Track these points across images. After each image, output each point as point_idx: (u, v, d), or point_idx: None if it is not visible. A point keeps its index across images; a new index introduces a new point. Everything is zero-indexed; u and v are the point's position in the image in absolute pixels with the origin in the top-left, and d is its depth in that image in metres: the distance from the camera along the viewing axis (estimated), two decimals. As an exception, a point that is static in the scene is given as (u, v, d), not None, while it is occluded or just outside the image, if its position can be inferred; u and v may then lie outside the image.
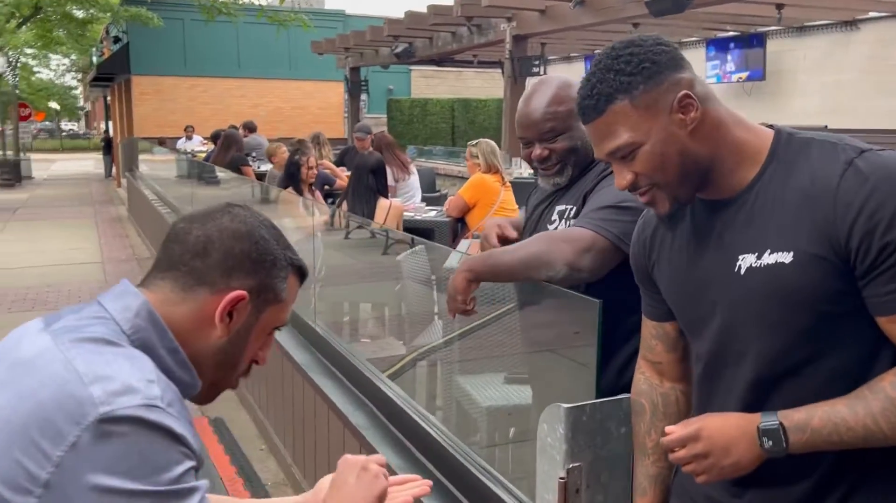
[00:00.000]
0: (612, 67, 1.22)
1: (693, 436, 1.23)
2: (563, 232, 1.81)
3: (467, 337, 2.67)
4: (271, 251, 1.13)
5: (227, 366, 1.14)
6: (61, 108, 55.03)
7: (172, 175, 10.30)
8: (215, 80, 18.59)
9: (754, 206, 1.24)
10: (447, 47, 12.08)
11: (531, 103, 1.96)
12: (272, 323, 1.16)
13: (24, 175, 23.05)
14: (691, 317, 1.37)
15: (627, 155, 1.24)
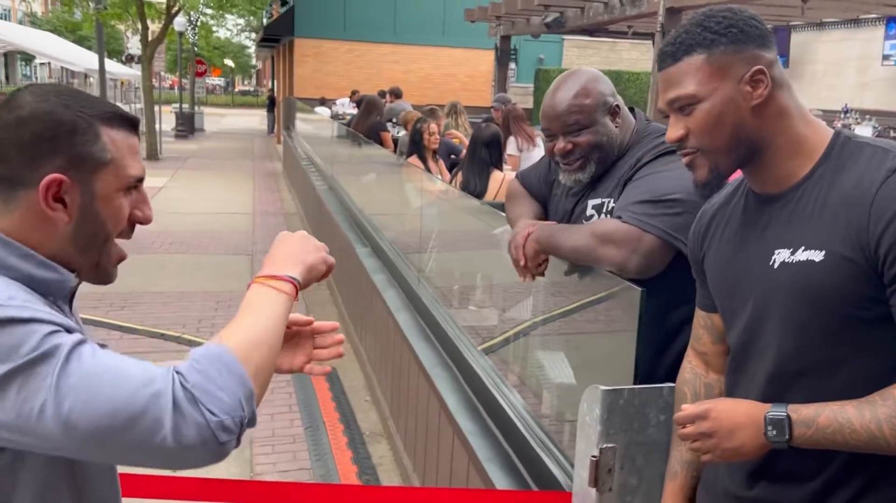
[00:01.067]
0: (701, 23, 1.26)
1: (702, 414, 1.26)
2: (610, 229, 1.77)
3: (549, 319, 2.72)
4: (62, 121, 1.04)
5: (97, 243, 1.10)
6: (235, 65, 58.78)
7: (320, 135, 10.84)
8: (371, 46, 19.20)
9: (798, 204, 1.25)
10: (598, 18, 11.80)
11: (557, 95, 1.93)
12: (117, 184, 1.09)
13: (197, 128, 24.96)
14: (728, 308, 1.39)
15: (686, 107, 1.27)
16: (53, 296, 1.07)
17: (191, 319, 5.78)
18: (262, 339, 1.03)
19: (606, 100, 1.94)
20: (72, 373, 0.90)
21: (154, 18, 18.07)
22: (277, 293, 1.10)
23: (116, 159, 1.08)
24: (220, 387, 0.93)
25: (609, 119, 1.93)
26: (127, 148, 1.10)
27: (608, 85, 1.98)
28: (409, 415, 3.54)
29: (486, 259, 3.43)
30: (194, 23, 25.48)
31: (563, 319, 2.46)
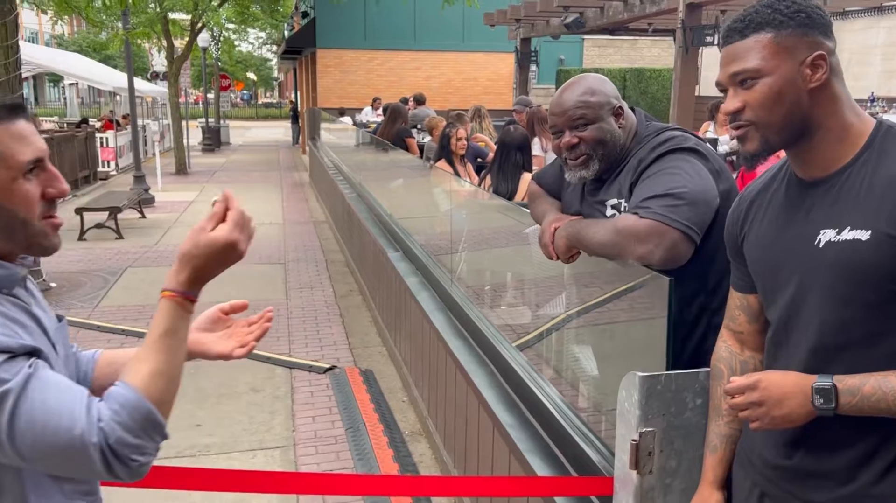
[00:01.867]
0: (772, 5, 1.35)
1: (751, 385, 1.34)
2: (634, 225, 1.84)
3: (582, 311, 2.79)
4: None
5: (19, 229, 1.18)
6: (258, 78, 59.43)
7: (346, 144, 10.99)
8: (392, 53, 19.38)
9: (843, 188, 1.33)
10: (618, 17, 11.83)
11: (564, 94, 2.04)
12: (10, 173, 1.15)
13: (223, 141, 25.33)
14: (770, 286, 1.46)
15: (747, 80, 1.35)
16: (7, 288, 1.19)
17: (229, 328, 5.92)
18: (173, 375, 1.16)
19: (611, 100, 2.04)
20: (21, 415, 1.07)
21: (178, 36, 18.42)
22: (187, 316, 1.20)
23: (1, 152, 1.14)
24: (137, 436, 1.10)
25: (613, 119, 2.04)
26: (9, 137, 1.15)
27: (613, 88, 2.10)
28: (447, 412, 3.63)
29: (517, 257, 3.51)
30: (217, 38, 25.87)
31: (595, 310, 2.53)
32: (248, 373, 4.97)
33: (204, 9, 15.85)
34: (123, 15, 11.61)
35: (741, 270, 1.56)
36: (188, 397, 4.58)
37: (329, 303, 6.70)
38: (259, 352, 5.36)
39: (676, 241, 1.81)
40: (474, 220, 4.05)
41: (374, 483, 2.02)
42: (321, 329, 5.96)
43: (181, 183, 15.35)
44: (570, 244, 2.05)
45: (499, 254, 3.81)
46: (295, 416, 4.32)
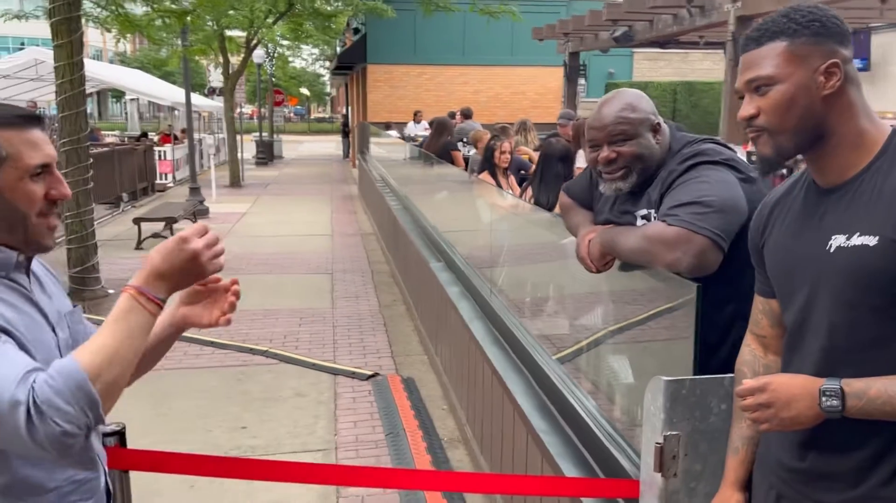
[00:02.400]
0: (787, 15, 1.39)
1: (761, 387, 1.37)
2: (662, 232, 1.88)
3: (615, 319, 2.82)
4: None
5: (18, 224, 1.30)
6: (311, 94, 60.55)
7: (393, 157, 11.15)
8: (441, 69, 19.58)
9: (856, 194, 1.36)
10: (667, 30, 11.76)
11: (604, 109, 2.08)
12: (18, 174, 1.28)
13: (276, 155, 25.87)
14: (785, 290, 1.50)
15: (762, 87, 1.39)
16: (3, 271, 1.31)
17: (277, 335, 6.08)
18: (118, 357, 1.20)
19: (650, 117, 2.09)
20: None
21: (234, 52, 18.94)
22: (143, 310, 1.26)
23: (12, 154, 1.27)
24: (66, 401, 1.13)
25: (651, 135, 2.08)
26: (22, 142, 1.28)
27: (650, 104, 2.14)
28: (484, 420, 3.67)
29: (555, 268, 3.55)
30: (272, 54, 26.49)
31: (626, 318, 2.56)
32: (294, 379, 5.10)
33: (259, 26, 16.28)
34: (182, 32, 12.02)
35: (763, 275, 1.59)
36: (234, 400, 4.72)
37: (373, 312, 6.82)
38: (304, 359, 5.49)
39: (704, 248, 1.85)
40: (514, 232, 4.11)
41: (404, 477, 2.09)
42: (365, 337, 6.07)
43: (234, 195, 15.75)
44: (604, 251, 2.10)
45: (537, 265, 3.85)
46: (337, 421, 4.42)
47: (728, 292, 1.97)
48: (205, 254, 1.32)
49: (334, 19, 19.07)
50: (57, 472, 1.35)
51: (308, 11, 16.94)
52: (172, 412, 4.55)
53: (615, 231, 2.09)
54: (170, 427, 4.32)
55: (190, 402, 4.70)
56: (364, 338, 6.04)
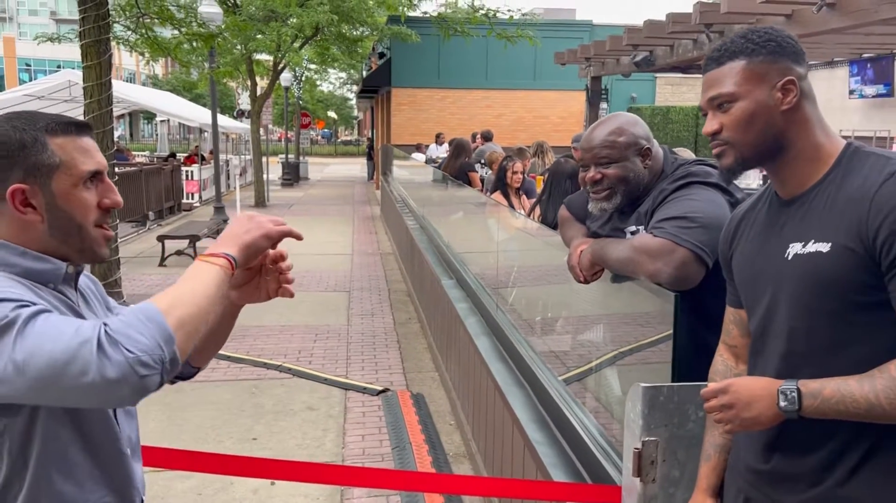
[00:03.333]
0: (745, 36, 1.47)
1: (723, 389, 1.43)
2: (647, 243, 1.96)
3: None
4: (12, 141, 1.25)
5: (73, 233, 1.30)
6: (338, 117, 61.30)
7: (413, 178, 11.29)
8: (464, 92, 19.81)
9: (812, 204, 1.43)
10: (688, 55, 11.80)
11: (595, 131, 2.17)
12: (72, 181, 1.28)
13: (302, 176, 26.22)
14: (750, 298, 1.55)
15: (724, 104, 1.46)
16: (53, 282, 1.30)
17: (291, 350, 6.17)
18: (189, 299, 1.18)
19: (639, 141, 2.16)
20: (27, 335, 1.09)
21: (262, 75, 19.32)
22: (210, 266, 1.25)
23: (65, 161, 1.28)
24: (139, 332, 1.09)
25: (639, 159, 2.15)
26: (75, 149, 1.29)
27: (643, 129, 2.21)
28: (487, 434, 3.72)
29: (557, 286, 3.60)
30: (299, 78, 26.95)
31: (613, 329, 2.61)
32: (306, 393, 5.18)
33: (286, 50, 16.63)
34: (210, 55, 12.33)
35: (733, 286, 1.65)
36: (247, 413, 4.81)
37: (388, 329, 6.89)
38: (317, 374, 5.57)
39: (686, 260, 1.90)
40: (520, 250, 4.17)
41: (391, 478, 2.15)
42: (378, 354, 6.14)
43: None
44: (594, 260, 2.17)
45: (540, 282, 3.91)
46: (346, 434, 4.48)
47: (715, 303, 2.01)
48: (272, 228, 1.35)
49: (360, 44, 19.43)
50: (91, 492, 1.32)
51: (334, 36, 17.29)
52: (186, 423, 4.64)
53: (605, 242, 2.16)
54: (183, 437, 4.41)
55: (204, 414, 4.79)
56: (377, 355, 6.11)
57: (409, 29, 16.97)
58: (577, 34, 18.78)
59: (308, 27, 15.56)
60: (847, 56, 12.51)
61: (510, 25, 9.20)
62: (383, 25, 17.50)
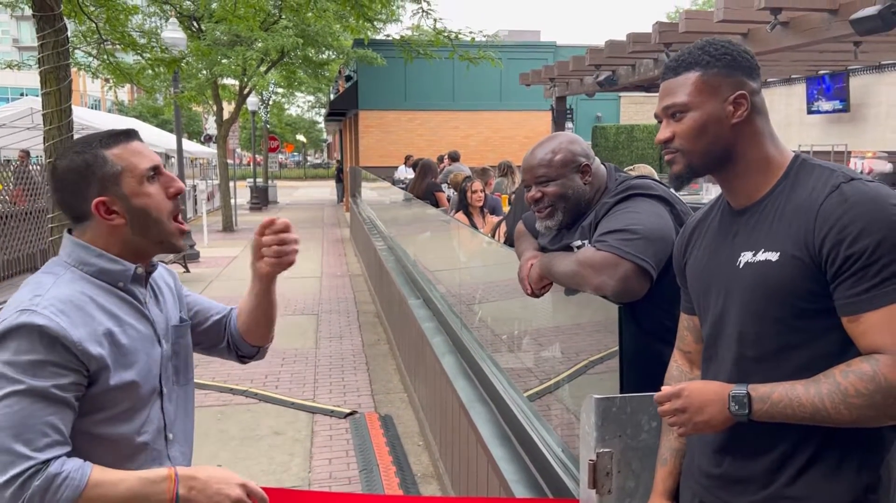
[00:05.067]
0: (702, 48, 1.50)
1: (676, 393, 1.45)
2: (591, 257, 1.98)
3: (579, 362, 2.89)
4: (79, 163, 1.45)
5: (151, 225, 1.49)
6: (307, 140, 61.20)
7: (380, 200, 11.30)
8: (431, 114, 19.94)
9: (762, 215, 1.46)
10: (649, 73, 12.02)
11: (534, 151, 2.21)
12: (137, 179, 1.47)
13: (271, 200, 26.08)
14: (703, 306, 1.59)
15: (677, 113, 1.49)
16: (122, 281, 1.49)
17: (258, 375, 6.11)
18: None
19: (576, 159, 2.18)
20: None
21: (228, 100, 19.26)
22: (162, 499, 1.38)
23: (125, 166, 1.47)
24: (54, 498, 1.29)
25: (578, 176, 2.18)
26: (130, 154, 1.48)
27: (582, 147, 2.24)
28: (454, 453, 3.71)
29: (518, 303, 3.63)
30: (266, 102, 26.90)
31: (567, 342, 2.63)
32: (272, 418, 5.12)
33: (251, 74, 16.60)
34: (173, 80, 12.27)
35: (687, 294, 1.68)
36: (211, 439, 4.74)
37: (356, 351, 6.86)
38: (283, 398, 5.52)
39: (629, 273, 1.93)
40: (481, 267, 4.19)
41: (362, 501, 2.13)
42: (346, 376, 6.10)
43: (227, 239, 15.86)
44: (542, 274, 2.19)
45: (501, 299, 3.93)
46: (312, 458, 4.43)
47: (661, 314, 2.04)
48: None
49: (326, 67, 19.48)
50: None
51: (300, 60, 17.32)
52: (149, 451, 4.56)
53: (552, 255, 2.18)
54: (145, 466, 4.33)
55: (167, 442, 4.71)
56: (345, 377, 6.07)
57: (375, 52, 17.07)
58: (541, 55, 19.02)
59: (273, 51, 15.57)
60: (804, 73, 12.85)
61: (473, 47, 9.29)
62: (349, 49, 17.57)
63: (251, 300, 1.75)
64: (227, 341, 1.81)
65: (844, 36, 7.74)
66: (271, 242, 1.65)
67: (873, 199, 1.32)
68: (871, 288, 1.29)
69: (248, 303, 1.77)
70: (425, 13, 7.05)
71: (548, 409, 2.99)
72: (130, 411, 1.45)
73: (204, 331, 1.79)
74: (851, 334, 1.33)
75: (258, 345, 1.82)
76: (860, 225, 1.30)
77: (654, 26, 9.81)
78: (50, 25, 6.38)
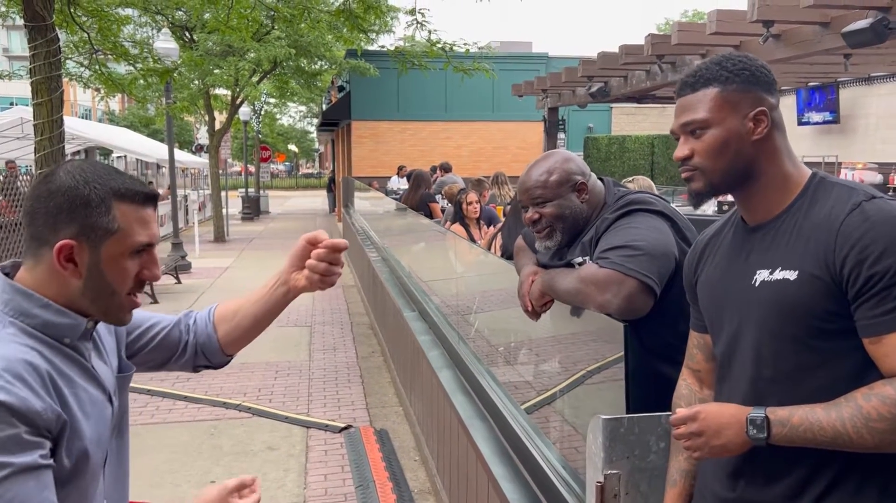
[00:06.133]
0: (720, 63, 1.46)
1: (692, 416, 1.41)
2: (594, 274, 1.95)
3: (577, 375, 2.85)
4: (80, 195, 1.23)
5: (105, 297, 1.28)
6: (299, 150, 61.19)
7: (374, 210, 11.26)
8: (424, 124, 19.94)
9: (778, 232, 1.43)
10: (641, 85, 12.06)
11: (529, 172, 2.18)
12: (122, 249, 1.26)
13: (262, 210, 26.01)
14: (716, 324, 1.55)
15: (696, 130, 1.46)
16: (69, 337, 1.28)
17: (251, 388, 6.05)
18: None
19: (572, 177, 2.15)
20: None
21: (220, 110, 19.21)
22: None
23: (123, 229, 1.26)
24: None
25: (575, 195, 2.15)
26: (136, 219, 1.27)
27: (577, 165, 2.20)
28: (452, 469, 3.66)
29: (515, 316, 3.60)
30: (258, 112, 26.86)
31: (567, 358, 2.60)
32: (266, 433, 5.06)
33: (244, 84, 16.57)
34: (166, 90, 12.22)
35: (697, 311, 1.65)
36: (204, 455, 4.68)
37: (350, 364, 6.80)
38: (278, 412, 5.46)
39: (634, 290, 1.90)
40: (478, 281, 4.16)
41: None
42: (340, 389, 6.04)
43: (218, 250, 15.78)
44: (544, 290, 2.16)
45: (499, 313, 3.89)
46: (307, 474, 4.38)
47: (665, 332, 2.02)
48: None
49: (319, 77, 19.48)
50: None
51: (292, 70, 17.30)
52: (142, 468, 4.49)
53: (555, 272, 2.15)
54: (137, 483, 4.23)
55: (159, 457, 4.65)
56: (339, 391, 6.02)
57: (368, 63, 17.07)
58: (533, 66, 19.06)
59: (266, 61, 15.55)
60: (794, 84, 12.92)
61: (467, 58, 9.30)
62: (342, 59, 17.57)
63: (261, 308, 1.64)
64: (190, 351, 1.63)
65: (835, 48, 7.79)
66: (323, 258, 1.54)
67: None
68: (895, 309, 1.26)
69: (252, 310, 1.65)
70: (420, 24, 7.04)
71: (546, 422, 2.96)
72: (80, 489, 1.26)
73: (154, 348, 1.60)
74: (873, 356, 1.30)
75: (234, 353, 1.68)
76: (883, 244, 1.27)
77: (646, 38, 9.84)
78: (42, 36, 6.34)
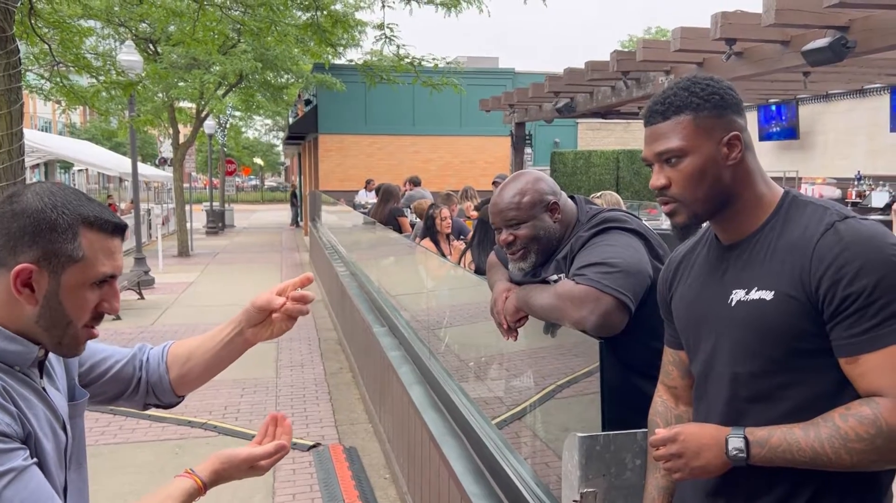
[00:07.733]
0: (688, 88, 1.45)
1: (671, 437, 1.40)
2: (570, 290, 1.94)
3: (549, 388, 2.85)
4: (46, 219, 1.18)
5: (60, 327, 1.23)
6: (265, 163, 60.69)
7: (342, 224, 11.19)
8: (392, 138, 19.95)
9: (752, 251, 1.44)
10: (606, 101, 12.21)
11: (501, 194, 2.17)
12: (84, 279, 1.21)
13: (228, 223, 25.73)
14: (692, 342, 1.55)
15: (672, 159, 1.44)
16: (20, 365, 1.22)
17: (217, 406, 5.94)
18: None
19: (545, 198, 2.15)
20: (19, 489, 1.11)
21: (185, 123, 18.98)
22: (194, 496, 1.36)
23: (88, 257, 1.21)
24: None
25: (548, 215, 2.15)
26: (102, 248, 1.23)
27: (549, 184, 2.20)
28: (423, 487, 3.62)
29: (487, 332, 3.59)
30: (223, 125, 26.62)
31: (537, 372, 2.59)
32: (233, 451, 4.96)
33: (209, 97, 16.40)
34: (129, 103, 12.04)
35: (672, 328, 1.65)
36: (169, 475, 4.52)
37: (318, 380, 6.72)
38: (244, 430, 5.36)
39: (610, 308, 1.90)
40: (450, 296, 4.14)
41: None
42: (308, 406, 5.97)
43: (182, 265, 15.54)
44: (519, 306, 2.15)
45: (471, 328, 3.88)
46: (275, 494, 4.30)
47: (640, 348, 2.02)
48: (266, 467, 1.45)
49: (285, 91, 19.36)
50: None
51: (258, 83, 17.18)
52: (102, 490, 4.37)
53: (530, 288, 2.14)
54: (99, 505, 4.15)
55: (122, 479, 4.53)
56: (307, 408, 5.94)
57: (335, 77, 17.03)
58: (500, 82, 19.22)
59: (232, 74, 15.42)
60: (755, 101, 13.20)
61: (435, 73, 9.33)
62: (308, 73, 17.50)
63: (213, 357, 1.59)
64: (142, 389, 1.57)
65: (795, 66, 7.98)
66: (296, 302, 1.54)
67: (870, 239, 1.31)
68: (870, 329, 1.27)
69: (205, 358, 1.60)
70: (388, 39, 7.04)
71: (517, 437, 2.95)
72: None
73: (107, 381, 1.53)
74: (849, 376, 1.31)
75: (185, 394, 1.63)
76: (858, 264, 1.28)
77: (611, 55, 9.95)
78: (1, 47, 6.20)
